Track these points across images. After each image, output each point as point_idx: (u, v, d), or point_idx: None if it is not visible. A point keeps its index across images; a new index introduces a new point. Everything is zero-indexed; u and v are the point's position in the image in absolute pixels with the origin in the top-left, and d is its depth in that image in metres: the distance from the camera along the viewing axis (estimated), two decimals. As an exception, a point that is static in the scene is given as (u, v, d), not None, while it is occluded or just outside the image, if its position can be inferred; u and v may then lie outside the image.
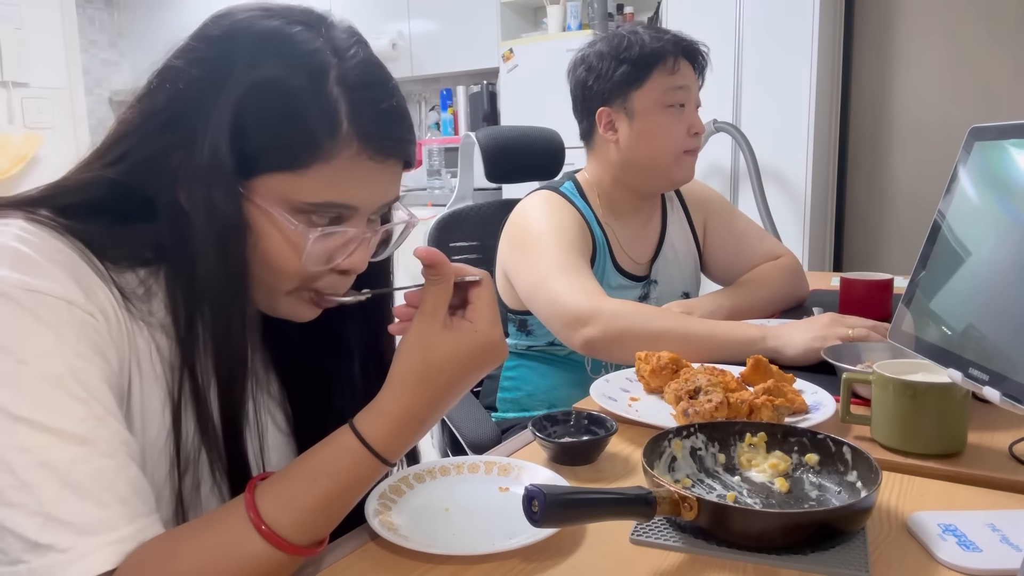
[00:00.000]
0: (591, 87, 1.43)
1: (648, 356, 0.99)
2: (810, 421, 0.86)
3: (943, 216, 0.77)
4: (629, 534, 0.66)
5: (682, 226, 1.59)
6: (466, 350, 0.64)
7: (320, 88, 0.62)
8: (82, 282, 0.60)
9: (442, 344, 0.63)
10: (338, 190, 0.64)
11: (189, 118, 0.63)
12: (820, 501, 0.70)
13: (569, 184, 1.49)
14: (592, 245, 1.42)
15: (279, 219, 0.64)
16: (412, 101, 4.96)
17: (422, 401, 0.63)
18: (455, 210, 1.74)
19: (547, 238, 1.33)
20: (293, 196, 0.63)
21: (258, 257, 0.65)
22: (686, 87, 1.40)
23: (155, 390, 0.66)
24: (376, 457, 0.61)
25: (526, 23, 4.27)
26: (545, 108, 3.52)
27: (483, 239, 1.73)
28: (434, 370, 0.63)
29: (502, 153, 1.73)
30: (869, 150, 3.37)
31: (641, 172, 1.44)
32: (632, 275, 1.49)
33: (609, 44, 1.41)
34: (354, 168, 0.64)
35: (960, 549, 0.61)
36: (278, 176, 0.63)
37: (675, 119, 1.40)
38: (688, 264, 1.59)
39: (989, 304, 0.68)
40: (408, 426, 0.63)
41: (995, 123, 0.73)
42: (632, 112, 1.40)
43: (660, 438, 0.75)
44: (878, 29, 3.29)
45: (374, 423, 0.62)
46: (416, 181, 4.47)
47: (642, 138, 1.40)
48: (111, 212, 0.65)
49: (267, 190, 0.63)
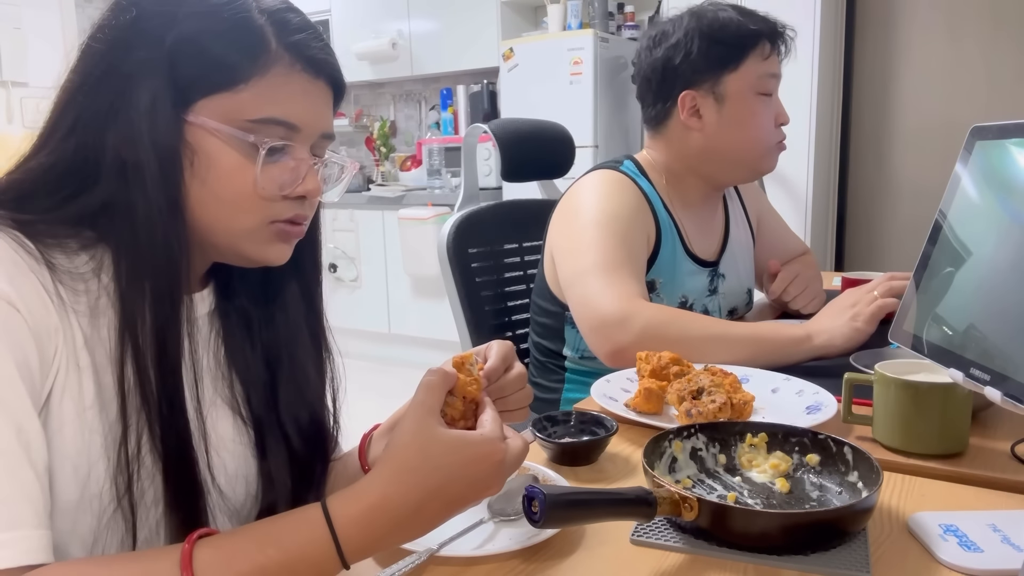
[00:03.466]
0: (676, 67, 1.29)
1: (648, 356, 0.99)
2: (812, 421, 0.86)
3: (944, 216, 0.77)
4: (629, 534, 0.66)
5: (742, 220, 1.52)
6: (468, 452, 0.58)
7: (247, 13, 0.65)
8: (9, 273, 0.58)
9: (442, 437, 0.58)
10: (278, 105, 0.66)
11: (122, 69, 0.63)
12: (821, 501, 0.70)
13: (629, 163, 1.37)
14: (656, 228, 1.32)
15: (228, 136, 0.64)
16: (412, 100, 4.96)
17: (405, 493, 0.56)
18: (470, 212, 1.62)
19: (597, 228, 1.23)
20: (236, 115, 0.64)
21: (211, 189, 0.65)
22: (776, 76, 1.32)
23: (88, 385, 0.62)
24: (334, 544, 0.55)
25: (526, 22, 4.27)
26: (546, 108, 3.53)
27: (501, 244, 1.65)
28: (428, 463, 0.57)
29: (519, 146, 1.64)
30: (870, 149, 3.37)
31: (725, 162, 1.34)
32: (703, 260, 1.39)
33: (700, 21, 1.28)
34: (289, 82, 0.66)
35: (961, 549, 0.61)
36: (218, 97, 0.64)
37: (765, 107, 1.31)
38: (748, 259, 1.52)
39: (990, 304, 0.67)
40: (381, 518, 0.56)
41: (996, 122, 0.73)
42: (722, 97, 1.29)
43: (660, 438, 0.75)
44: (879, 28, 3.29)
45: (346, 504, 0.57)
46: (416, 181, 4.48)
47: (732, 126, 1.30)
48: (51, 194, 0.64)
49: (210, 112, 0.64)
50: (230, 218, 0.67)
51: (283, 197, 0.68)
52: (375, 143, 4.90)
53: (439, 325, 4.09)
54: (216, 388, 0.75)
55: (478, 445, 0.58)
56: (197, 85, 0.64)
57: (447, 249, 1.55)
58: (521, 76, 3.71)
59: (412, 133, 4.99)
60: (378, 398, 4.44)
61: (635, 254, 1.24)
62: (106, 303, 0.64)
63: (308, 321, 0.78)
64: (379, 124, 4.88)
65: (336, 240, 4.51)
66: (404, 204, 4.16)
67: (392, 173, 4.82)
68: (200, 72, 0.64)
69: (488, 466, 0.58)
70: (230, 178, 0.65)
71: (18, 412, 0.56)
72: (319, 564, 0.56)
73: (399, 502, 0.56)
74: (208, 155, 0.65)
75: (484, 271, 1.61)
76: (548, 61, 3.58)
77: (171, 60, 0.63)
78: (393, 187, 4.42)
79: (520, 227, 1.68)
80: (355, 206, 4.41)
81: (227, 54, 0.64)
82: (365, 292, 4.51)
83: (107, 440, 0.63)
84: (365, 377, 4.33)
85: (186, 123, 0.64)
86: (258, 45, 0.65)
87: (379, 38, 4.50)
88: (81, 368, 0.62)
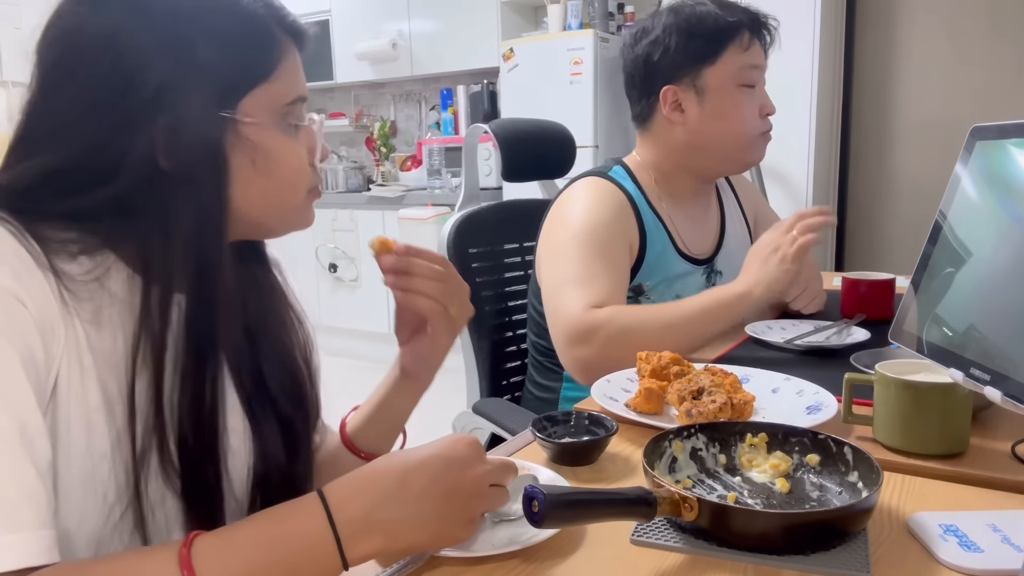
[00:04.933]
0: (656, 63, 1.31)
1: (648, 356, 0.99)
2: (812, 421, 0.86)
3: (944, 216, 0.77)
4: (629, 534, 0.66)
5: (737, 215, 1.51)
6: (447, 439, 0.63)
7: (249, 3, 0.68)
8: (14, 268, 0.58)
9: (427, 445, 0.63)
10: (296, 82, 0.71)
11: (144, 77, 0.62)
12: (821, 501, 0.70)
13: (618, 168, 1.39)
14: (641, 234, 1.32)
15: (279, 124, 0.69)
16: (412, 101, 4.96)
17: (389, 467, 0.60)
18: (471, 212, 1.63)
19: (576, 241, 1.25)
20: (276, 101, 0.68)
21: (276, 178, 0.69)
22: (759, 66, 1.32)
23: (92, 386, 0.62)
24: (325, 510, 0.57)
25: (526, 22, 4.27)
26: (546, 108, 3.53)
27: (502, 243, 1.66)
28: (409, 450, 0.63)
29: (521, 145, 1.64)
30: (871, 149, 3.37)
31: (711, 155, 1.34)
32: (695, 259, 1.40)
33: (678, 16, 1.30)
34: (294, 60, 0.71)
35: (961, 549, 0.61)
36: (259, 90, 0.67)
37: (748, 98, 1.31)
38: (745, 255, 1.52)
39: (990, 304, 0.67)
40: (369, 489, 0.59)
41: (996, 122, 0.73)
42: (703, 91, 1.30)
43: (660, 439, 0.75)
44: (880, 27, 3.29)
45: (337, 481, 0.60)
46: (416, 181, 4.48)
47: (714, 119, 1.31)
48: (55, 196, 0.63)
49: (254, 108, 0.67)
50: (290, 198, 0.72)
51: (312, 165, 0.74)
52: (375, 143, 4.91)
53: (439, 325, 4.09)
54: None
55: (452, 435, 0.64)
56: (239, 85, 0.66)
57: (447, 249, 1.56)
58: (521, 76, 3.71)
59: (412, 133, 4.99)
60: (378, 398, 4.31)
61: (614, 264, 1.26)
62: (112, 313, 0.64)
63: (276, 294, 0.82)
64: (379, 124, 4.88)
65: (336, 240, 4.51)
66: (404, 204, 4.16)
67: (392, 173, 4.82)
68: (239, 71, 0.66)
69: (464, 446, 0.62)
70: (288, 162, 0.70)
71: (22, 410, 0.56)
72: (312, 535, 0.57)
73: (383, 471, 0.60)
74: (267, 148, 0.68)
75: (484, 271, 1.62)
76: (548, 61, 3.58)
77: (203, 65, 0.64)
78: (393, 187, 4.42)
79: (520, 227, 1.68)
80: (355, 206, 4.41)
81: (256, 48, 0.67)
82: (365, 292, 4.51)
83: (115, 444, 0.63)
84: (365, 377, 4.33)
85: (238, 123, 0.66)
86: (272, 32, 0.68)
87: (379, 38, 4.50)
88: (84, 368, 0.62)
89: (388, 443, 0.89)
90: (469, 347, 1.59)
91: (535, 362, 1.49)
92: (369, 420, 0.87)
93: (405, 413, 0.88)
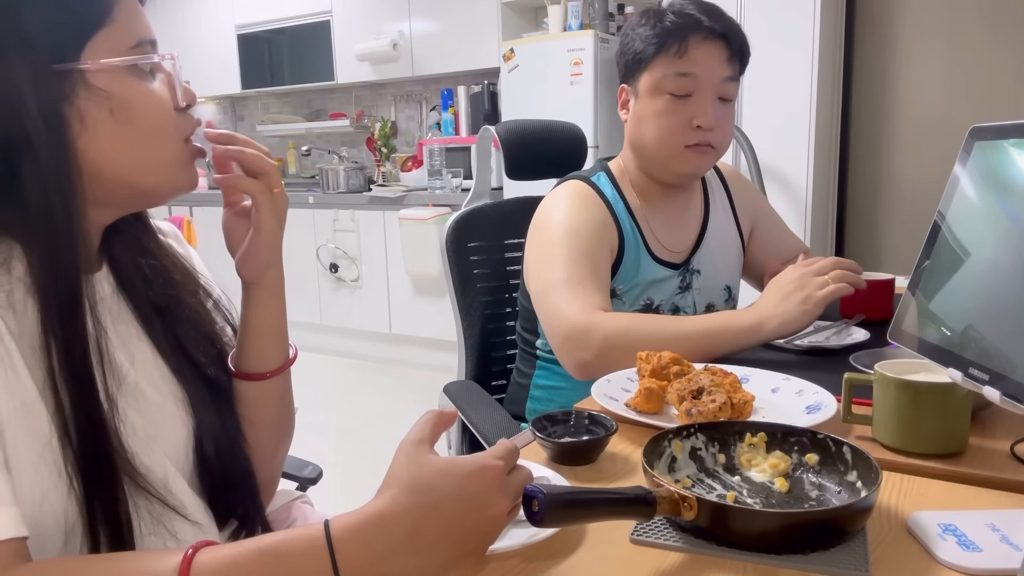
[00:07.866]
0: (617, 63, 1.38)
1: (649, 356, 0.99)
2: (811, 421, 0.86)
3: (943, 216, 0.77)
4: (629, 534, 0.66)
5: (726, 214, 1.50)
6: (461, 471, 0.57)
7: None
8: None
9: (433, 463, 0.58)
10: (137, 24, 0.68)
11: None
12: (820, 501, 0.70)
13: (601, 174, 1.41)
14: (619, 241, 1.34)
15: (130, 67, 0.66)
16: (413, 101, 4.96)
17: (398, 514, 0.56)
18: (472, 209, 1.66)
19: (561, 244, 1.27)
20: (120, 44, 0.66)
21: (138, 125, 0.67)
22: (692, 75, 1.26)
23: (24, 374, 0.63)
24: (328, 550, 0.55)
25: (527, 23, 4.27)
26: (546, 108, 3.54)
27: (502, 239, 1.68)
28: (420, 483, 0.57)
29: (524, 146, 1.65)
30: (870, 149, 3.37)
31: (643, 158, 1.36)
32: (671, 263, 1.40)
33: (639, 18, 1.33)
34: (131, 3, 0.68)
35: (960, 549, 0.61)
36: (99, 37, 0.64)
37: (671, 107, 1.28)
38: (731, 255, 1.50)
39: (989, 304, 0.68)
40: (377, 536, 0.55)
41: (995, 123, 0.73)
42: (637, 94, 1.33)
43: (660, 438, 0.75)
44: (879, 28, 3.29)
45: (344, 516, 0.57)
46: (417, 181, 4.48)
47: (637, 122, 1.33)
48: None
49: (99, 54, 0.64)
50: (160, 147, 0.69)
51: (178, 110, 0.71)
52: (376, 143, 4.91)
53: (439, 325, 4.10)
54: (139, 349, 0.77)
55: (469, 463, 0.58)
56: (75, 35, 0.64)
57: (446, 245, 1.60)
58: (522, 77, 3.71)
59: (413, 134, 4.99)
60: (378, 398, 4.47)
61: (598, 268, 1.28)
62: (23, 295, 0.64)
63: (171, 261, 0.83)
64: (380, 125, 4.88)
65: (337, 240, 4.51)
66: (405, 204, 4.16)
67: (393, 173, 4.82)
68: (73, 20, 0.64)
69: (483, 482, 0.57)
70: (148, 105, 0.68)
71: None
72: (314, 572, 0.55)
73: (392, 520, 0.56)
74: (122, 95, 0.66)
75: (482, 264, 1.65)
76: (548, 62, 3.58)
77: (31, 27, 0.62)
78: (394, 187, 4.42)
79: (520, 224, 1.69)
80: (356, 206, 4.41)
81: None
82: (366, 292, 4.51)
83: (51, 421, 0.64)
84: (365, 377, 4.34)
85: (86, 73, 0.64)
86: None
87: (380, 39, 4.51)
88: (10, 352, 0.62)
89: (275, 357, 0.85)
90: (463, 342, 1.64)
91: (519, 350, 1.54)
92: (242, 344, 0.85)
93: (272, 323, 0.85)
